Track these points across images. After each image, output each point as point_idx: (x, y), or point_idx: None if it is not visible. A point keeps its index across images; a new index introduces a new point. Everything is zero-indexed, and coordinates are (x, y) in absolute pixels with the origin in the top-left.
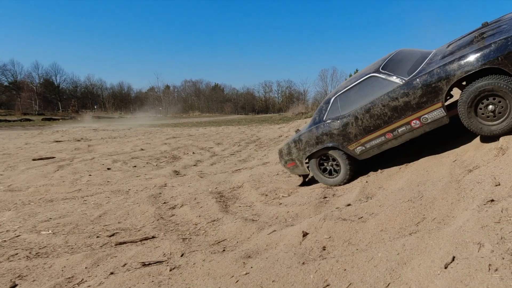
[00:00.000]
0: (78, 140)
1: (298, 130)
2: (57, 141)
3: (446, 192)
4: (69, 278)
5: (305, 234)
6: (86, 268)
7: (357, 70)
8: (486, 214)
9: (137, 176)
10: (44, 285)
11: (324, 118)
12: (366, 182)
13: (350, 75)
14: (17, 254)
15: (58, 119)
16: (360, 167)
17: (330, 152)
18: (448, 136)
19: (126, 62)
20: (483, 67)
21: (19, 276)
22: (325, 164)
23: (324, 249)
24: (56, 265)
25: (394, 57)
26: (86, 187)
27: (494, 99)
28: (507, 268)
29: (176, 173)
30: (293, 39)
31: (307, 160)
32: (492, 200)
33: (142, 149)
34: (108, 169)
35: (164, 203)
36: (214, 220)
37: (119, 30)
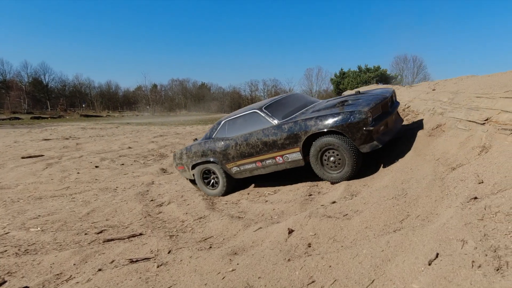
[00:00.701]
0: (67, 139)
1: (196, 139)
2: (45, 140)
3: (430, 190)
4: (57, 274)
5: (290, 231)
6: (74, 264)
7: (342, 70)
8: (470, 211)
9: (125, 174)
10: (33, 281)
11: (213, 136)
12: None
13: (335, 74)
14: (6, 251)
15: (47, 118)
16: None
17: (212, 166)
18: (432, 134)
19: (114, 62)
20: (330, 129)
21: (8, 273)
22: (209, 177)
23: (310, 246)
24: (44, 261)
25: (281, 100)
26: (75, 185)
27: (333, 152)
28: (490, 265)
29: (163, 171)
30: (279, 38)
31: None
32: (476, 198)
33: (129, 147)
34: (96, 167)
35: (152, 200)
36: (201, 218)
37: (107, 30)
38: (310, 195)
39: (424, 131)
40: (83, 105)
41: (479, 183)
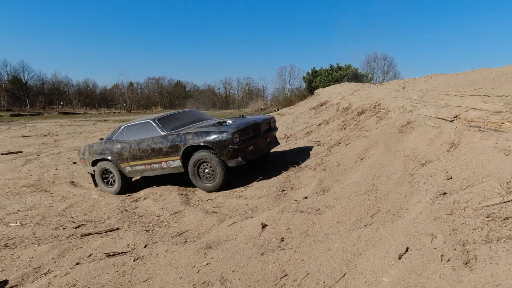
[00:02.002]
0: (45, 135)
1: (102, 138)
2: (25, 136)
3: (400, 186)
4: (36, 268)
5: (264, 226)
6: (52, 258)
7: (314, 68)
8: (439, 206)
9: None
10: (12, 275)
11: (113, 138)
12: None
13: (308, 73)
14: None
15: (26, 115)
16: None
17: (109, 164)
18: (402, 131)
19: (91, 60)
20: (204, 144)
21: None
22: (108, 176)
23: (283, 240)
24: (24, 255)
25: (175, 114)
26: (53, 180)
27: (207, 164)
28: (459, 259)
29: None
30: (252, 38)
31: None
32: (445, 193)
33: None
34: (74, 163)
35: (128, 195)
36: (176, 213)
37: (84, 29)
38: (283, 190)
39: (394, 128)
40: (62, 103)
41: (448, 179)
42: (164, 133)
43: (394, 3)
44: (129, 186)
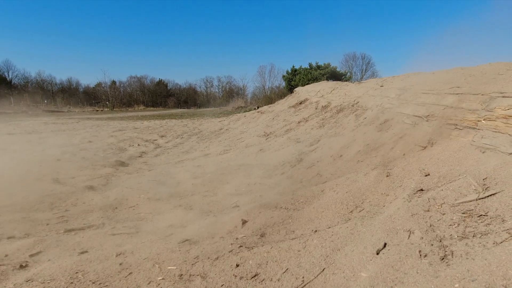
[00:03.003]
0: (30, 133)
1: None
2: (9, 134)
3: (378, 182)
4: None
5: (244, 222)
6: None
7: (293, 67)
8: (416, 203)
9: (85, 167)
10: None
11: None
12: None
13: (287, 72)
14: None
15: (10, 113)
16: None
17: None
18: (380, 128)
19: (74, 59)
20: None
21: None
22: None
23: (262, 236)
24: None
25: None
26: (37, 177)
27: None
28: (436, 254)
29: (122, 164)
30: (233, 36)
31: None
32: (422, 190)
33: (90, 141)
34: (58, 160)
35: (110, 189)
36: (159, 209)
37: (67, 28)
38: (263, 185)
39: (372, 126)
40: (45, 101)
41: (425, 175)
42: None
43: (373, 4)
44: None
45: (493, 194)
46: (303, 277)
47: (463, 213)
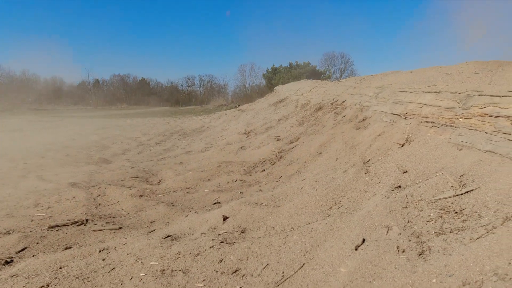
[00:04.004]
0: (14, 131)
1: None
2: None
3: (356, 179)
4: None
5: (225, 218)
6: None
7: (273, 66)
8: (394, 199)
9: (69, 164)
10: None
11: None
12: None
13: (267, 70)
14: None
15: None
16: None
17: None
18: (358, 126)
19: (59, 58)
20: None
21: None
22: None
23: (243, 232)
24: None
25: None
26: (22, 174)
27: None
28: (414, 250)
29: (105, 161)
30: (214, 36)
31: None
32: (400, 187)
33: (73, 139)
34: (42, 157)
35: (93, 186)
36: (141, 206)
37: (51, 28)
38: (244, 182)
39: (351, 124)
40: (30, 99)
41: (403, 172)
42: None
43: (351, 5)
44: None
45: (470, 191)
46: (283, 272)
47: (440, 210)
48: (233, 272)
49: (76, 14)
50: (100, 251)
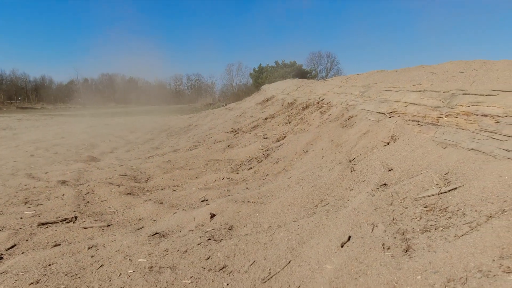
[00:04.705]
0: (4, 129)
1: None
2: None
3: (342, 177)
4: None
5: (212, 216)
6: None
7: (260, 65)
8: (379, 197)
9: (58, 162)
10: None
11: None
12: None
13: (254, 69)
14: None
15: None
16: None
17: None
18: (344, 125)
19: (48, 57)
20: None
21: None
22: None
23: (230, 229)
24: None
25: None
26: (12, 172)
27: None
28: (399, 247)
29: (94, 159)
30: (201, 35)
31: None
32: (385, 184)
33: (62, 137)
34: (32, 155)
35: (81, 184)
36: (130, 203)
37: (41, 27)
38: (231, 179)
39: (337, 123)
40: (19, 98)
41: (388, 170)
42: None
43: (337, 4)
44: None
45: (454, 189)
46: (269, 269)
47: (425, 207)
48: (220, 269)
49: (66, 14)
50: (89, 248)
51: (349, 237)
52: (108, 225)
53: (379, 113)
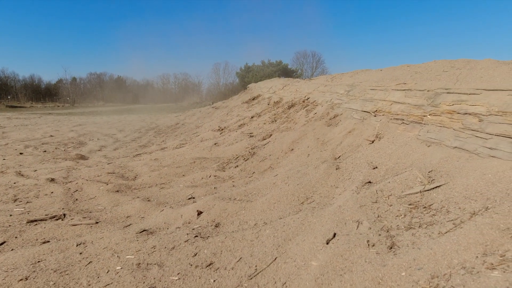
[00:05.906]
0: None
1: None
2: None
3: (327, 175)
4: None
5: (199, 213)
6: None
7: (246, 64)
8: (364, 194)
9: (47, 160)
10: None
11: None
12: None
13: (241, 69)
14: None
15: None
16: None
17: None
18: (329, 123)
19: (37, 56)
20: None
21: None
22: None
23: (217, 227)
24: None
25: None
26: (1, 170)
27: None
28: (383, 244)
29: (82, 157)
30: (188, 35)
31: None
32: (370, 182)
33: (51, 136)
34: (21, 153)
35: (70, 181)
36: (118, 201)
37: (30, 26)
38: (218, 177)
39: (322, 121)
40: (9, 97)
41: (373, 168)
42: None
43: (323, 4)
44: None
45: (438, 186)
46: (256, 266)
47: (409, 205)
48: (207, 266)
49: (54, 14)
50: (77, 245)
51: (334, 234)
52: (96, 222)
53: (364, 111)
